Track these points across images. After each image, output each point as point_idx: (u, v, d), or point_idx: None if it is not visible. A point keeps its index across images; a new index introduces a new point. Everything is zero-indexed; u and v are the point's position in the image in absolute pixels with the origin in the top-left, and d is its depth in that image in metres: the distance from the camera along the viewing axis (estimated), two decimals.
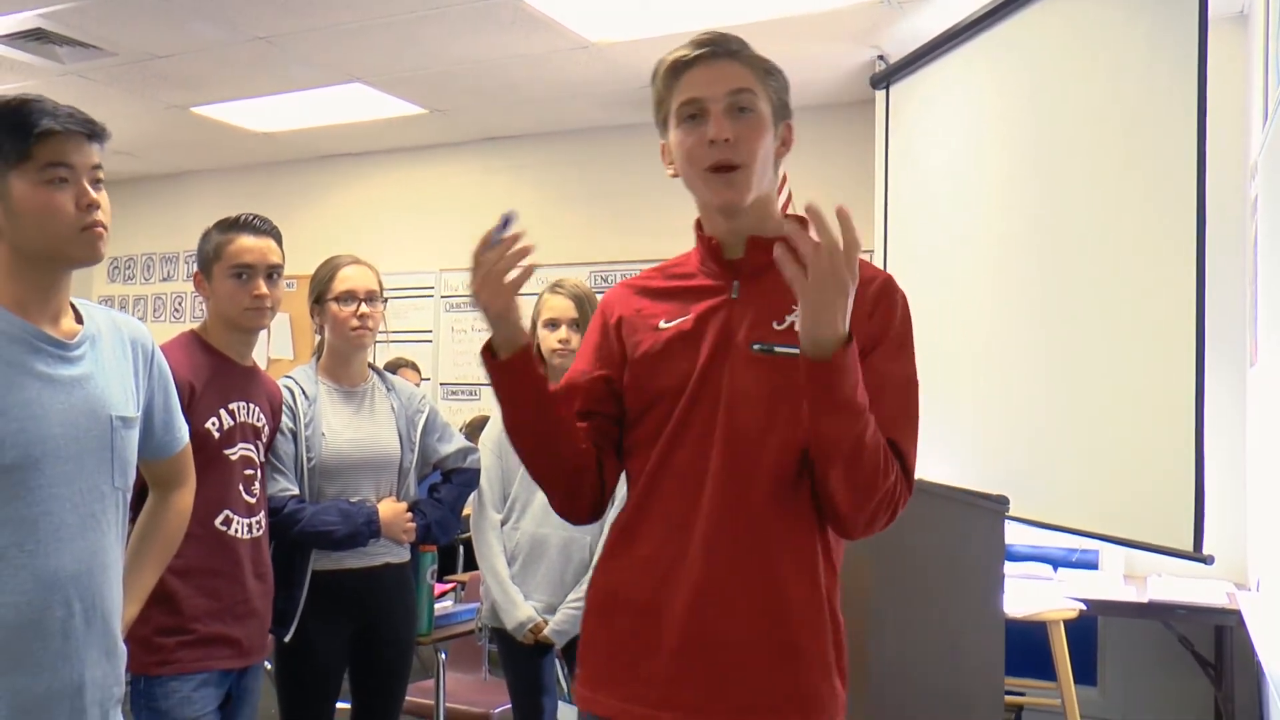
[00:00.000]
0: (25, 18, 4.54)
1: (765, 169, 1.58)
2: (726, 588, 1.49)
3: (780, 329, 1.53)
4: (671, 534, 1.52)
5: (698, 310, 1.59)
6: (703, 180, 1.56)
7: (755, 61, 1.60)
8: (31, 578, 1.57)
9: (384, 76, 5.33)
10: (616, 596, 1.57)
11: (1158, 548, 3.22)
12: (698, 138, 1.54)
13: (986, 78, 4.15)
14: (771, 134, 1.59)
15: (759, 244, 1.57)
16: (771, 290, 1.54)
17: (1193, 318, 3.08)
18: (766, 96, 1.58)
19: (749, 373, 1.52)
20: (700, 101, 1.55)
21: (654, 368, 1.58)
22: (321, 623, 2.65)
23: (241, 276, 2.37)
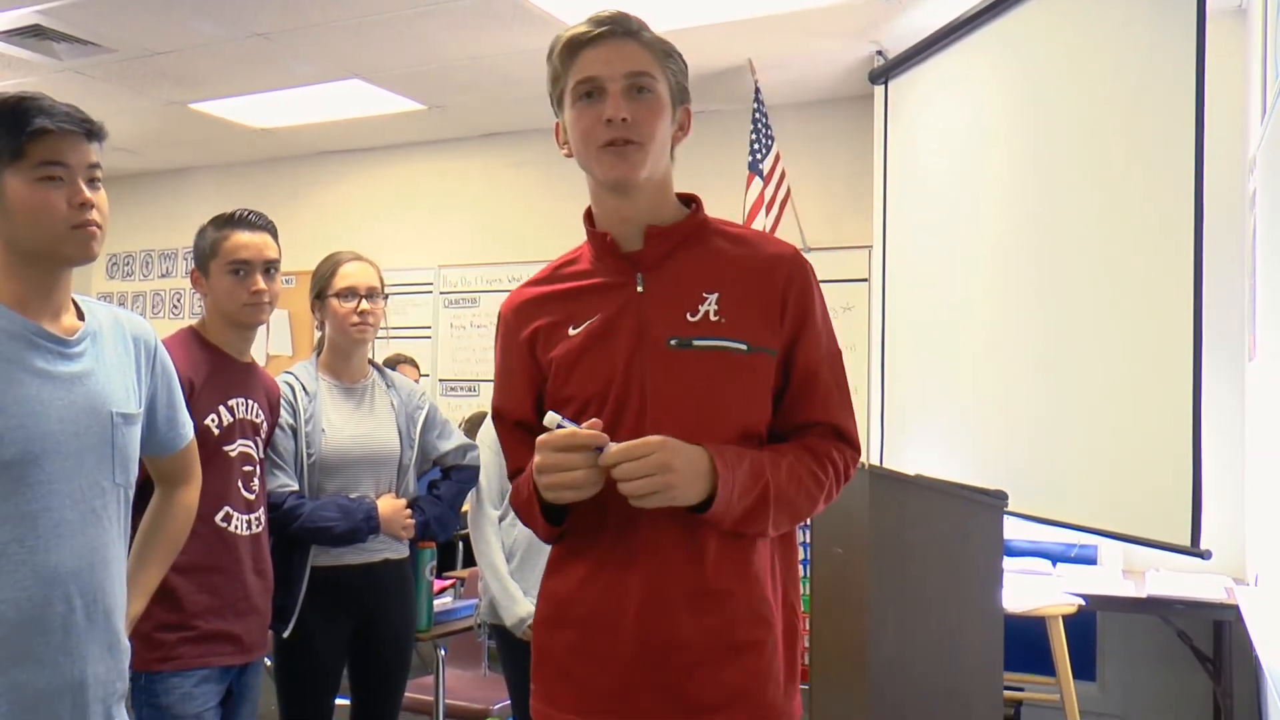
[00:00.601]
0: (23, 14, 4.53)
1: (662, 150, 1.54)
2: (671, 591, 1.48)
3: (694, 320, 1.51)
4: (612, 542, 1.51)
5: (605, 310, 1.54)
6: (595, 157, 1.51)
7: (654, 43, 1.55)
8: (31, 573, 1.58)
9: (383, 73, 5.32)
10: (564, 610, 1.55)
11: (1156, 543, 3.23)
12: (594, 116, 1.50)
13: (985, 72, 4.15)
14: (669, 116, 1.55)
15: (658, 234, 1.55)
16: (678, 280, 1.53)
17: (1190, 312, 3.08)
18: (665, 79, 1.55)
19: (670, 368, 1.49)
20: (597, 80, 1.51)
21: (571, 377, 1.53)
22: (321, 619, 2.65)
23: (239, 273, 2.37)
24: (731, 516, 1.44)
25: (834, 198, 5.45)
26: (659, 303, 1.53)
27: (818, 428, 1.56)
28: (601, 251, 1.58)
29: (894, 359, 4.77)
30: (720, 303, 1.51)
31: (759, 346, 1.51)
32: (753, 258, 1.55)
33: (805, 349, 1.54)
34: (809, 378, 1.54)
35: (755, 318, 1.52)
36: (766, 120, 4.95)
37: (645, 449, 1.38)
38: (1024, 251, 3.86)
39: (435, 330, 6.66)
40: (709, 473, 1.42)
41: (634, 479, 1.38)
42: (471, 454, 2.92)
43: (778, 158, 4.98)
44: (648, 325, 1.51)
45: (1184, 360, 3.09)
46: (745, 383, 1.51)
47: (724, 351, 1.50)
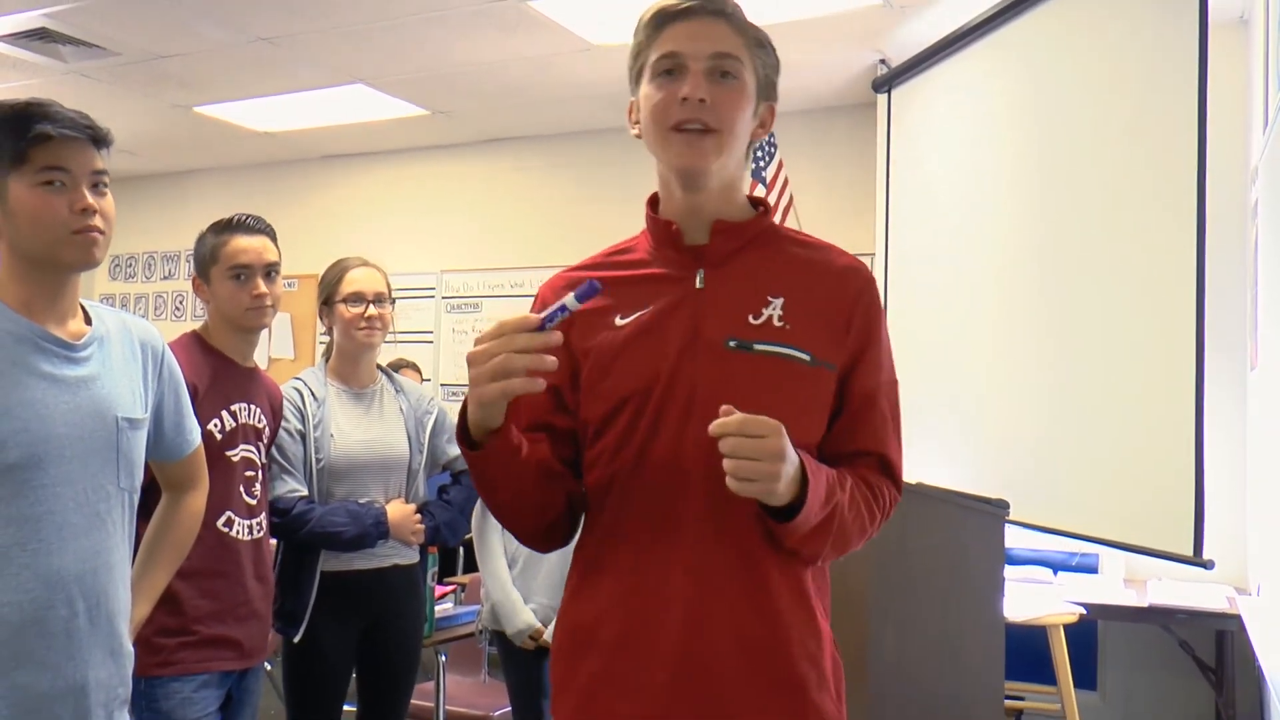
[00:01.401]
0: (30, 17, 4.54)
1: (738, 144, 1.42)
2: (717, 616, 1.33)
3: (757, 324, 1.39)
4: (646, 561, 1.36)
5: (658, 303, 1.41)
6: (665, 139, 1.40)
7: (747, 29, 1.44)
8: (34, 576, 1.58)
9: (387, 78, 5.33)
10: (588, 636, 1.39)
11: (1158, 552, 3.22)
12: (670, 94, 1.38)
13: (988, 82, 4.16)
14: (751, 108, 1.43)
15: (726, 229, 1.43)
16: (742, 280, 1.42)
17: (1193, 321, 3.08)
18: (753, 68, 1.43)
19: (724, 371, 1.36)
20: (680, 57, 1.39)
21: (613, 369, 1.39)
22: (330, 623, 2.65)
23: (240, 277, 2.37)
24: (803, 532, 1.31)
25: (836, 205, 5.45)
26: (720, 301, 1.40)
27: (868, 458, 1.44)
28: (663, 241, 1.46)
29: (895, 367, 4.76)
30: (786, 308, 1.40)
31: (822, 360, 1.39)
32: (824, 266, 1.45)
33: (866, 372, 1.43)
34: (866, 403, 1.43)
35: (821, 329, 1.40)
36: None
37: (765, 428, 1.22)
38: (1026, 260, 3.86)
39: (437, 335, 6.66)
40: (799, 478, 1.28)
41: (745, 458, 1.22)
42: None
43: (780, 165, 4.99)
44: (704, 323, 1.39)
45: (1186, 369, 3.09)
46: (805, 396, 1.39)
47: (786, 360, 1.38)
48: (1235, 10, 4.11)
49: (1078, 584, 4.12)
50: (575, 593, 1.43)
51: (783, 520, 1.29)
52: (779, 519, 1.30)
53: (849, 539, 1.39)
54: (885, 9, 4.26)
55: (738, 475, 1.23)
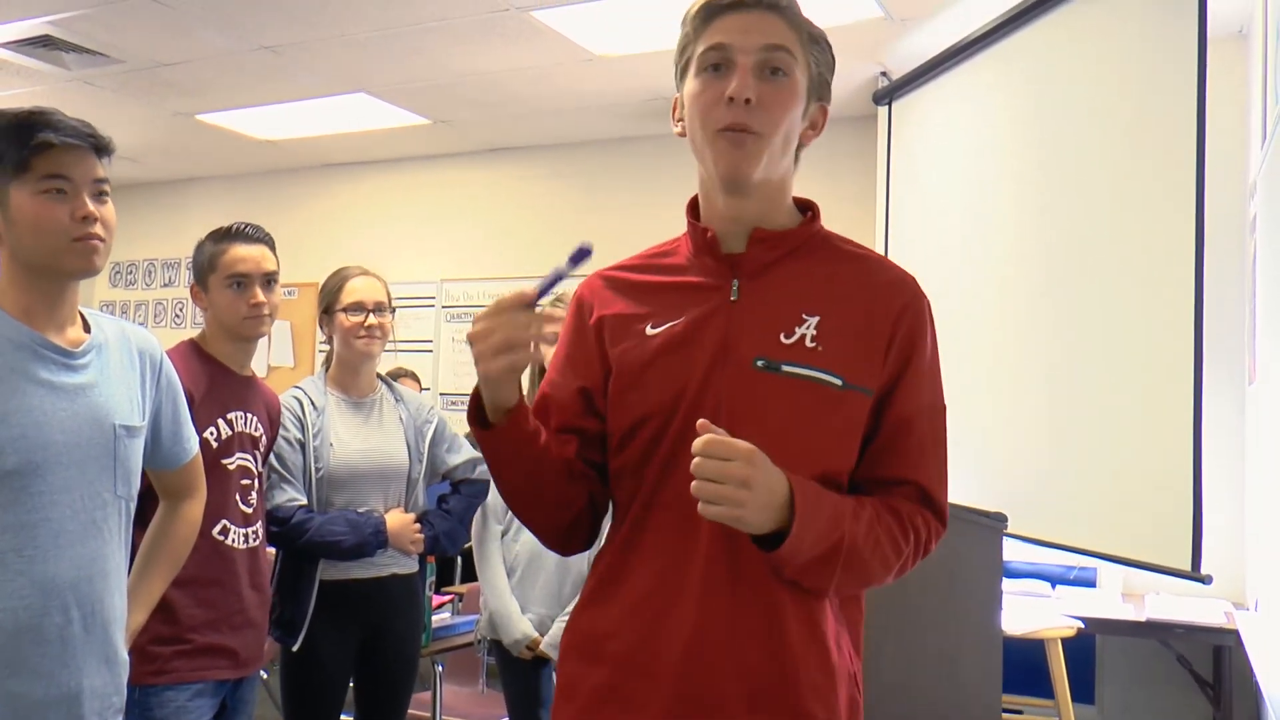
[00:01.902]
0: (34, 24, 4.56)
1: (785, 147, 1.36)
2: (726, 642, 1.29)
3: (789, 343, 1.32)
4: (663, 576, 1.32)
5: (691, 314, 1.36)
6: (710, 142, 1.33)
7: (801, 23, 1.36)
8: (30, 583, 1.58)
9: (389, 87, 5.35)
10: (597, 647, 1.35)
11: (1156, 566, 3.22)
12: (716, 92, 1.31)
13: (987, 95, 4.17)
14: (801, 108, 1.36)
15: (765, 239, 1.37)
16: (777, 294, 1.35)
17: (1191, 335, 3.08)
18: (805, 65, 1.35)
19: (752, 391, 1.31)
20: (727, 50, 1.32)
21: (641, 381, 1.34)
22: (329, 632, 2.65)
23: (238, 286, 2.37)
24: (798, 562, 1.26)
25: (837, 217, 5.39)
26: (752, 316, 1.34)
27: (904, 487, 1.36)
28: (700, 248, 1.39)
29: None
30: (820, 328, 1.33)
31: (855, 384, 1.32)
32: (866, 282, 1.38)
33: (905, 395, 1.36)
34: (903, 428, 1.36)
35: (856, 350, 1.33)
36: None
37: (733, 452, 1.18)
38: (1025, 272, 3.86)
39: (437, 344, 6.67)
40: (785, 506, 1.22)
41: (707, 479, 1.18)
42: (481, 468, 2.91)
43: None
44: (736, 339, 1.33)
45: (1184, 383, 3.10)
46: (833, 422, 1.32)
47: (814, 383, 1.31)
48: (1234, 24, 4.13)
49: (1076, 598, 4.12)
50: (590, 600, 1.40)
51: (769, 549, 1.25)
52: (765, 547, 1.25)
53: (868, 571, 1.31)
54: (886, 22, 4.27)
55: (703, 498, 1.19)
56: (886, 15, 4.20)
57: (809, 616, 1.32)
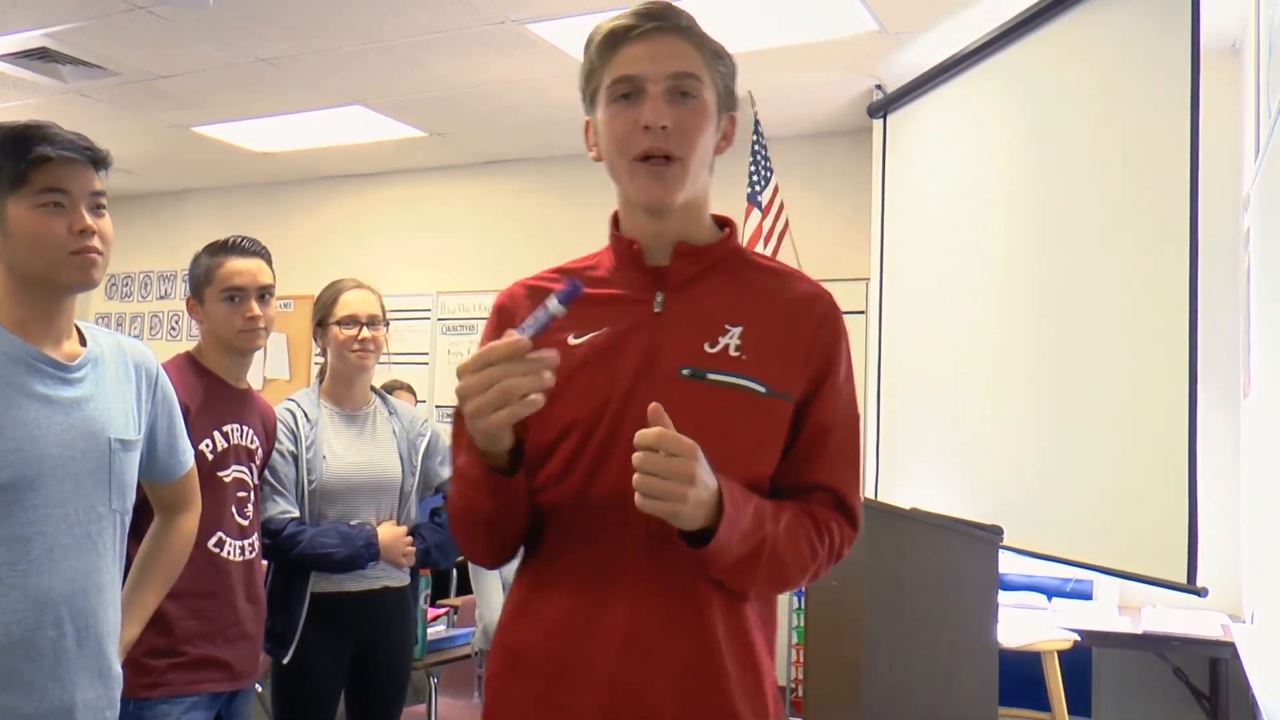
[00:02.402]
0: (30, 36, 4.57)
1: (702, 165, 1.38)
2: (657, 645, 1.30)
3: (713, 353, 1.35)
4: (588, 587, 1.33)
5: (615, 325, 1.37)
6: (629, 170, 1.35)
7: (705, 42, 1.39)
8: (23, 597, 1.57)
9: (385, 99, 5.36)
10: (524, 658, 1.36)
11: (1151, 579, 3.22)
12: (630, 121, 1.34)
13: (982, 109, 4.19)
14: (714, 126, 1.39)
15: (688, 253, 1.39)
16: (701, 306, 1.38)
17: (1185, 348, 3.09)
18: (713, 83, 1.38)
19: (678, 399, 1.30)
20: (637, 80, 1.34)
21: (564, 392, 1.31)
22: (320, 645, 2.64)
23: (234, 299, 2.37)
24: (725, 561, 1.28)
25: (832, 230, 5.47)
26: (677, 327, 1.37)
27: (820, 493, 1.40)
28: (624, 261, 1.42)
29: (891, 392, 4.78)
30: (744, 337, 1.36)
31: (777, 391, 1.36)
32: (784, 294, 1.41)
33: (823, 404, 1.39)
34: (820, 435, 1.39)
35: (778, 359, 1.37)
36: (766, 152, 4.98)
37: (681, 447, 1.20)
38: (1020, 285, 3.87)
39: (432, 356, 6.66)
40: (714, 504, 1.25)
41: (653, 475, 1.20)
42: None
43: (776, 190, 5.00)
44: (660, 349, 1.35)
45: (1179, 396, 3.10)
46: (758, 428, 1.35)
47: (739, 390, 1.34)
48: (1227, 39, 4.15)
49: (1072, 610, 4.12)
50: (516, 614, 1.40)
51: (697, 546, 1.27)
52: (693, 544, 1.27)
53: (786, 574, 1.35)
54: (881, 35, 4.29)
55: (644, 491, 1.21)
56: (881, 29, 4.22)
57: (734, 618, 1.35)
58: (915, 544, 2.82)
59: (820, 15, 4.10)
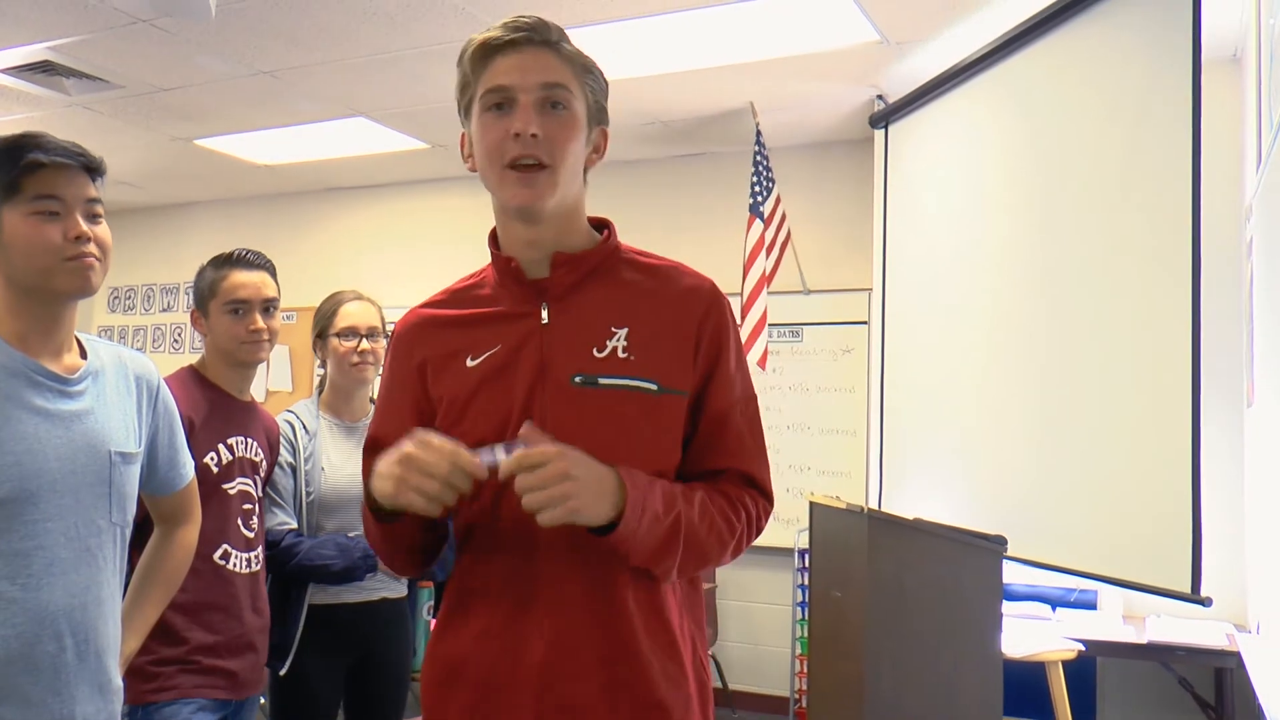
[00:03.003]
0: (34, 50, 4.58)
1: (574, 174, 1.42)
2: (577, 649, 1.35)
3: (601, 357, 1.39)
4: (508, 596, 1.38)
5: (506, 341, 1.42)
6: (499, 177, 1.40)
7: (574, 56, 1.44)
8: (22, 611, 1.57)
9: (387, 111, 5.37)
10: (456, 672, 1.40)
11: (1155, 589, 3.21)
12: (501, 130, 1.39)
13: (983, 119, 4.19)
14: (584, 136, 1.43)
15: (566, 261, 1.43)
16: (585, 313, 1.42)
17: (1189, 358, 3.09)
18: (582, 95, 1.43)
19: (573, 408, 1.37)
20: (508, 90, 1.39)
21: (466, 413, 1.40)
22: (318, 656, 2.64)
23: (238, 312, 2.37)
24: (641, 548, 1.32)
25: (834, 240, 5.48)
26: (564, 336, 1.41)
27: (728, 475, 1.45)
28: (505, 277, 1.46)
29: (893, 402, 4.77)
30: (630, 338, 1.40)
31: (669, 387, 1.40)
32: (666, 290, 1.45)
33: (717, 392, 1.43)
34: (719, 422, 1.43)
35: (667, 356, 1.40)
36: (767, 163, 4.99)
37: (541, 457, 1.25)
38: (1022, 295, 3.87)
39: None
40: (616, 492, 1.29)
41: (531, 489, 1.25)
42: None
43: (778, 200, 5.01)
44: (550, 360, 1.39)
45: (1183, 406, 3.10)
46: (654, 426, 1.39)
47: (632, 391, 1.38)
48: (1228, 49, 4.16)
49: (1076, 620, 4.10)
50: (444, 627, 1.45)
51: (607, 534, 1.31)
52: (605, 534, 1.31)
53: (706, 552, 1.39)
54: (882, 46, 4.30)
55: (532, 507, 1.26)
56: (882, 39, 4.23)
57: (654, 607, 1.39)
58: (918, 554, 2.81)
59: (822, 26, 4.10)
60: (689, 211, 5.76)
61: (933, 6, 3.94)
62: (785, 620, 5.27)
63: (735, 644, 5.61)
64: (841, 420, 5.42)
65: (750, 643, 5.60)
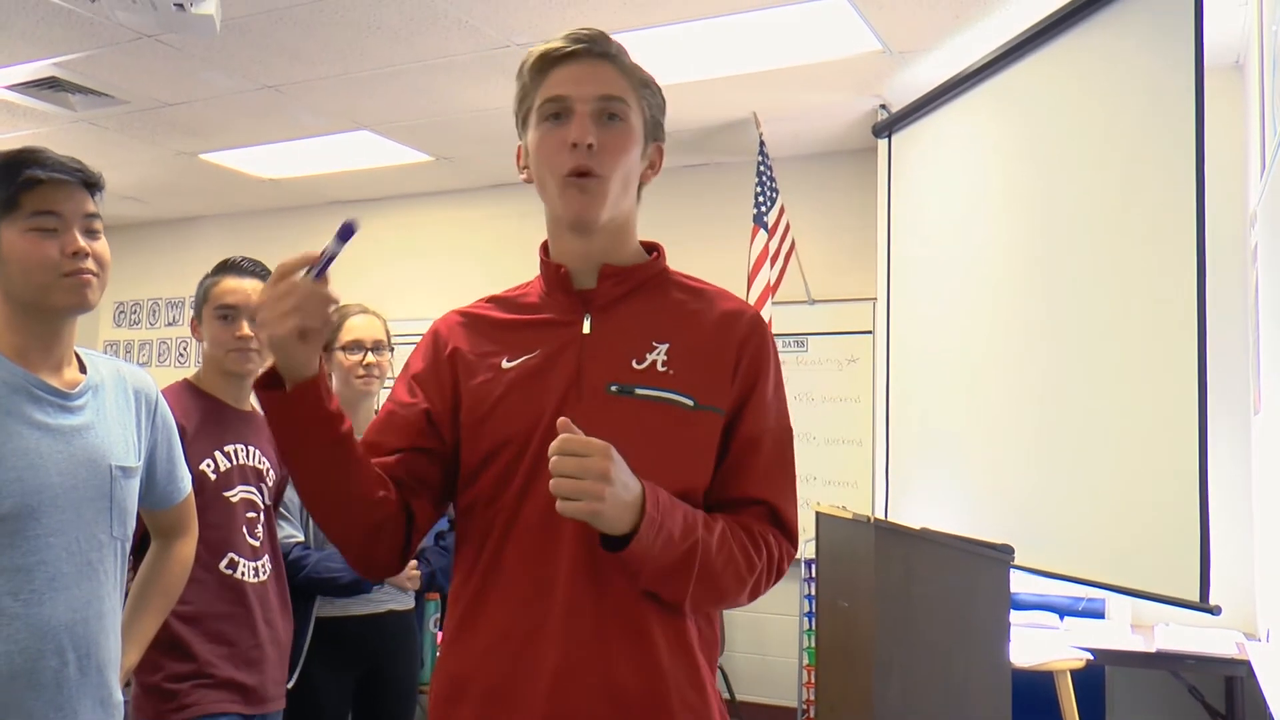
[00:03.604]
0: (40, 66, 4.61)
1: (627, 187, 1.42)
2: (593, 668, 1.30)
3: (640, 369, 1.38)
4: (524, 607, 1.33)
5: (545, 347, 1.41)
6: (556, 188, 1.39)
7: (632, 70, 1.44)
8: (25, 627, 1.56)
9: (391, 124, 5.38)
10: (463, 683, 1.35)
11: (1164, 598, 3.20)
12: (558, 140, 1.38)
13: (986, 128, 4.19)
14: (639, 150, 1.43)
15: (613, 274, 1.43)
16: (628, 325, 1.41)
17: (1195, 366, 3.08)
18: (640, 109, 1.43)
19: (607, 417, 1.34)
20: (566, 101, 1.39)
21: (495, 411, 1.37)
22: (325, 669, 2.64)
23: (226, 318, 2.37)
24: (651, 568, 1.29)
25: (838, 250, 5.48)
26: (604, 346, 1.40)
27: (755, 507, 1.41)
28: (552, 285, 1.46)
29: (899, 412, 4.76)
30: (670, 353, 1.39)
31: (706, 404, 1.38)
32: (710, 311, 1.44)
33: (751, 416, 1.41)
34: (750, 448, 1.40)
35: (705, 373, 1.39)
36: (771, 173, 4.99)
37: (591, 448, 1.23)
38: (1027, 304, 3.87)
39: None
40: (638, 506, 1.26)
41: (567, 475, 1.22)
42: None
43: (782, 210, 5.01)
44: (589, 368, 1.38)
45: (1189, 414, 3.09)
46: (687, 440, 1.37)
47: (667, 404, 1.37)
48: (1230, 56, 4.16)
49: (1084, 629, 4.09)
50: (453, 641, 1.40)
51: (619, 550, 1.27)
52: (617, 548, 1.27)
53: (721, 584, 1.34)
54: (885, 55, 4.30)
55: (560, 493, 1.23)
56: (885, 49, 4.23)
57: (678, 635, 1.35)
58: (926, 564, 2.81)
59: (824, 36, 4.11)
60: (693, 222, 5.76)
61: (935, 16, 3.94)
62: (793, 630, 5.25)
63: (743, 654, 5.59)
64: (847, 430, 5.41)
65: (758, 653, 5.59)
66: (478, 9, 3.96)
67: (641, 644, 1.32)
